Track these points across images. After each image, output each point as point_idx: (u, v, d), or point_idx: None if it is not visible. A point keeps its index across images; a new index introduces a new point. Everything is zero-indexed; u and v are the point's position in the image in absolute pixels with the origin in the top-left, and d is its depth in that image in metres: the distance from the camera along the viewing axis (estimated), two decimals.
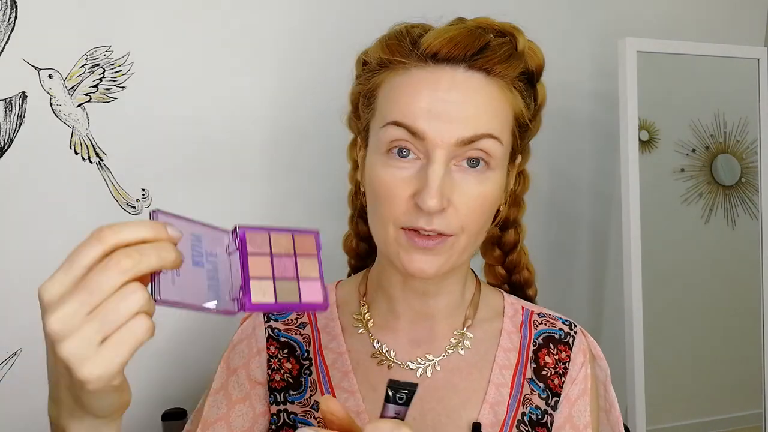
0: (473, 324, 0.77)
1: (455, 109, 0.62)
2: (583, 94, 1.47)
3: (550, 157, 1.45)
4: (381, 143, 0.65)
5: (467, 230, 0.65)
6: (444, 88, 0.63)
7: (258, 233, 0.55)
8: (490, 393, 0.73)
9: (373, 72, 0.69)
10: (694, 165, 1.53)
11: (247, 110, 1.13)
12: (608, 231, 1.54)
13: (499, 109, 0.65)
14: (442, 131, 0.62)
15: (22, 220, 1.01)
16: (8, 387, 1.02)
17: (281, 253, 0.55)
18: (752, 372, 1.52)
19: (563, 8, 1.41)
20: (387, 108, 0.65)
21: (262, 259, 0.54)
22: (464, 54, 0.63)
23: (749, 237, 1.53)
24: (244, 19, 1.12)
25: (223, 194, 1.14)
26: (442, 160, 0.62)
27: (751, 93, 1.48)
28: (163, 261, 0.42)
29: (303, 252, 0.56)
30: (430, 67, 0.64)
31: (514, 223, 0.84)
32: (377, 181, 0.65)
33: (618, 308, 1.42)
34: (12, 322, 1.02)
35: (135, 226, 0.42)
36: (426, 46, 0.64)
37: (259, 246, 0.55)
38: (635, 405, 1.35)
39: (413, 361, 0.74)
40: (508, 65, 0.65)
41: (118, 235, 0.41)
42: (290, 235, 0.56)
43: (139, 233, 0.42)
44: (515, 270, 0.86)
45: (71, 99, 1.02)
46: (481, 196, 0.65)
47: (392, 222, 0.65)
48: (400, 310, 0.75)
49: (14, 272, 1.01)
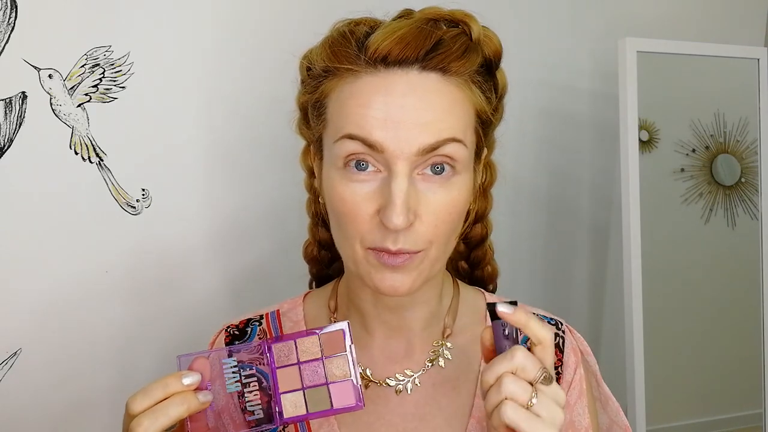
0: (453, 332, 0.72)
1: (413, 115, 0.58)
2: (583, 94, 1.47)
3: (550, 157, 1.45)
4: (336, 158, 0.60)
5: (436, 242, 0.61)
6: (398, 93, 0.58)
7: (284, 344, 0.58)
8: (477, 406, 0.69)
9: (318, 79, 0.63)
10: (694, 165, 1.53)
11: (248, 110, 1.14)
12: (608, 231, 1.54)
13: (459, 110, 0.60)
14: (401, 141, 0.57)
15: (22, 220, 1.01)
16: (8, 387, 1.02)
17: (309, 359, 0.58)
18: (752, 372, 1.52)
19: (563, 8, 1.41)
20: (339, 120, 0.60)
21: (291, 369, 0.58)
22: (417, 54, 0.58)
23: (749, 237, 1.53)
24: (244, 18, 1.12)
25: (223, 194, 1.14)
26: (404, 172, 0.58)
27: (751, 93, 1.48)
28: (179, 413, 0.53)
29: (331, 352, 0.58)
30: (381, 72, 0.59)
31: (482, 218, 0.79)
32: (337, 198, 0.61)
33: (618, 308, 1.42)
34: (12, 322, 1.01)
35: (147, 392, 0.54)
36: (374, 48, 0.59)
37: (286, 357, 0.58)
38: (635, 405, 1.35)
39: (392, 377, 0.70)
40: (465, 60, 0.60)
41: (136, 404, 0.53)
42: (317, 338, 0.58)
43: (155, 395, 0.54)
44: (479, 266, 0.82)
45: (71, 99, 1.02)
46: (449, 204, 0.61)
47: (358, 241, 0.61)
48: (373, 326, 0.71)
49: (14, 272, 1.01)
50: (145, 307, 1.10)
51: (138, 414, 0.53)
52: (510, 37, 1.32)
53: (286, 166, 1.18)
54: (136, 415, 0.53)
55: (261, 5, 1.13)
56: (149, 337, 1.11)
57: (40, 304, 1.03)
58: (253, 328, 0.77)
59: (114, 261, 1.07)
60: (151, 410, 0.53)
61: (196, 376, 0.55)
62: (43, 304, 1.03)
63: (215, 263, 1.15)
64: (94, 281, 1.06)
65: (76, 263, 1.04)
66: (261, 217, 1.17)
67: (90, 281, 1.06)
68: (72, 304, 1.05)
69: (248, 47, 1.13)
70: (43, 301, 1.03)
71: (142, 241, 1.09)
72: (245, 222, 1.16)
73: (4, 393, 1.02)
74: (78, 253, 1.04)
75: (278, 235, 1.18)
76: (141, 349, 1.11)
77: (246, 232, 1.17)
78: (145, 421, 0.52)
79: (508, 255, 1.37)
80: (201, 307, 1.14)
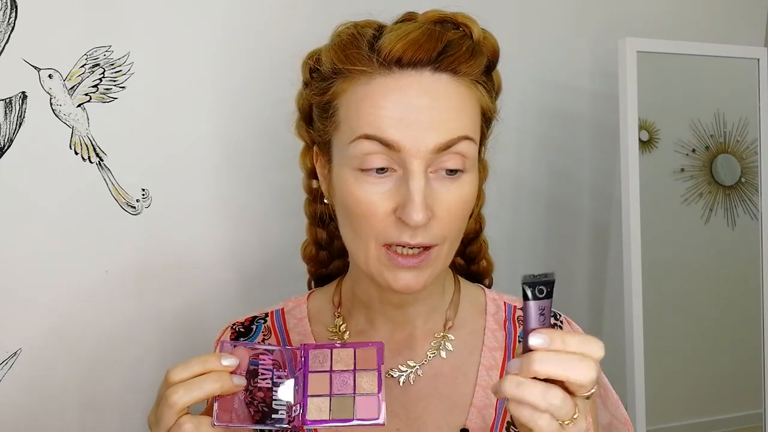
0: (454, 325, 0.75)
1: (427, 115, 0.60)
2: (583, 94, 1.47)
3: (550, 157, 1.45)
4: (352, 158, 0.62)
5: (449, 237, 0.64)
6: (413, 94, 0.60)
7: (321, 351, 0.62)
8: (477, 396, 0.71)
9: (327, 81, 0.65)
10: (694, 165, 1.53)
11: (248, 109, 1.13)
12: (608, 231, 1.54)
13: (469, 109, 0.63)
14: (417, 140, 0.59)
15: (22, 220, 1.01)
16: (8, 387, 1.02)
17: (342, 369, 0.61)
18: (752, 372, 1.52)
19: (563, 8, 1.41)
20: (354, 121, 0.62)
21: (322, 375, 0.61)
22: (429, 56, 0.61)
23: (749, 237, 1.53)
24: (245, 18, 1.12)
25: (223, 194, 1.14)
26: (421, 170, 0.60)
27: (751, 93, 1.48)
28: (213, 389, 0.56)
29: (363, 366, 0.61)
30: (395, 73, 0.61)
31: (475, 214, 0.81)
32: (352, 199, 0.62)
33: (618, 308, 1.42)
34: (12, 322, 1.01)
35: (187, 365, 0.57)
36: (389, 50, 0.60)
37: (320, 363, 0.61)
38: (635, 405, 1.35)
39: (395, 369, 0.72)
40: (473, 62, 0.63)
41: (175, 375, 0.56)
42: (352, 350, 0.62)
43: (194, 369, 0.56)
44: (474, 260, 0.84)
45: (71, 99, 1.02)
46: (460, 201, 0.63)
47: (373, 239, 0.63)
48: (377, 320, 0.74)
49: (14, 272, 1.01)
50: (145, 307, 1.10)
51: (175, 383, 0.56)
52: (510, 37, 1.33)
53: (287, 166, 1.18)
54: (172, 385, 0.56)
55: (261, 5, 1.13)
56: (149, 337, 1.11)
57: (39, 304, 1.03)
58: (258, 325, 0.79)
59: (114, 261, 1.07)
60: (188, 382, 0.56)
61: (234, 359, 0.58)
62: (42, 304, 1.03)
63: (215, 263, 1.15)
64: (93, 281, 1.06)
65: (75, 263, 1.04)
66: (261, 217, 1.17)
67: (90, 281, 1.06)
68: (72, 304, 1.05)
69: (249, 46, 1.13)
70: (43, 301, 1.03)
71: (142, 241, 1.09)
72: (246, 221, 1.16)
73: (4, 393, 1.02)
74: (78, 253, 1.04)
75: (279, 233, 1.18)
76: (140, 348, 1.11)
77: (246, 232, 1.17)
78: (180, 389, 0.55)
79: (508, 255, 1.38)
80: (201, 306, 1.14)
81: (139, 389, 1.10)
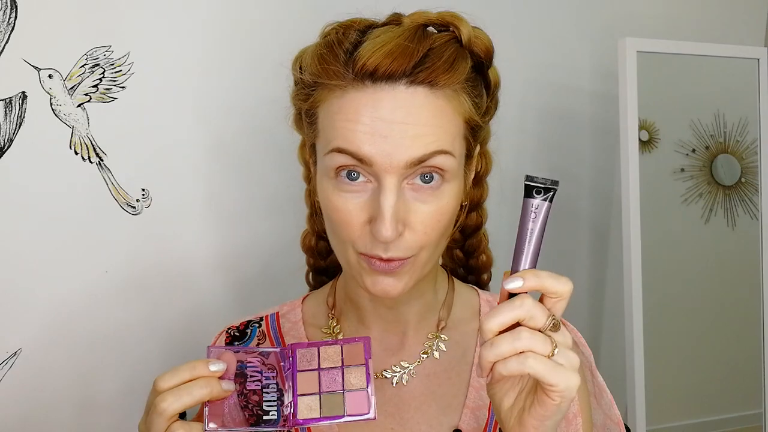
0: (448, 326, 0.74)
1: (400, 130, 0.58)
2: (583, 94, 1.47)
3: (550, 157, 1.45)
4: (328, 168, 0.62)
5: (427, 247, 0.63)
6: (386, 108, 0.58)
7: (308, 350, 0.62)
8: (471, 397, 0.71)
9: (309, 88, 0.64)
10: (694, 165, 1.53)
11: (248, 109, 1.14)
12: (608, 231, 1.54)
13: (447, 122, 0.61)
14: (389, 155, 0.58)
15: (22, 220, 1.01)
16: (8, 387, 1.02)
17: (330, 366, 0.62)
18: (752, 372, 1.52)
19: (563, 8, 1.41)
20: (329, 133, 0.61)
21: (311, 374, 0.62)
22: (404, 69, 0.58)
23: (749, 237, 1.53)
24: (244, 18, 1.12)
25: (223, 194, 1.14)
26: (393, 185, 0.59)
27: (751, 93, 1.49)
28: (202, 395, 0.56)
29: (351, 362, 0.62)
30: (369, 87, 0.59)
31: (477, 206, 0.80)
32: (330, 207, 0.63)
33: (618, 308, 1.42)
34: (12, 322, 1.02)
35: (176, 372, 0.57)
36: (362, 64, 0.58)
37: (308, 362, 0.62)
38: (635, 405, 1.35)
39: (388, 369, 0.72)
40: (453, 72, 0.60)
41: (163, 382, 0.56)
42: (339, 347, 0.62)
43: (182, 376, 0.57)
44: (474, 254, 0.83)
45: (71, 99, 1.02)
46: (437, 212, 0.62)
47: (351, 246, 0.63)
48: (370, 321, 0.74)
49: (14, 272, 1.01)
50: (144, 307, 1.10)
51: (164, 391, 0.56)
52: (510, 37, 1.34)
53: (286, 165, 1.18)
54: (161, 393, 0.56)
55: (261, 5, 1.13)
56: (148, 337, 1.11)
57: (39, 304, 1.03)
58: (253, 329, 0.79)
59: (114, 261, 1.07)
60: (177, 388, 0.56)
61: (222, 364, 0.58)
62: (42, 304, 1.03)
63: (215, 263, 1.15)
64: (93, 281, 1.06)
65: (75, 263, 1.04)
66: (262, 217, 1.17)
67: (90, 281, 1.06)
68: (72, 303, 1.05)
69: (248, 47, 1.13)
70: (43, 300, 1.03)
71: (142, 241, 1.09)
72: (245, 221, 1.16)
73: (4, 393, 1.02)
74: (78, 253, 1.04)
75: (279, 233, 1.18)
76: (140, 348, 1.11)
77: (246, 232, 1.17)
78: (169, 397, 0.56)
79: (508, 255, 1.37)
80: (201, 306, 1.14)
81: (140, 388, 1.10)
